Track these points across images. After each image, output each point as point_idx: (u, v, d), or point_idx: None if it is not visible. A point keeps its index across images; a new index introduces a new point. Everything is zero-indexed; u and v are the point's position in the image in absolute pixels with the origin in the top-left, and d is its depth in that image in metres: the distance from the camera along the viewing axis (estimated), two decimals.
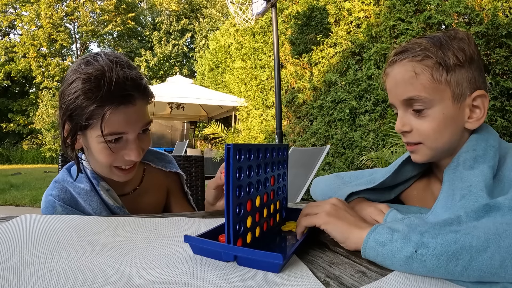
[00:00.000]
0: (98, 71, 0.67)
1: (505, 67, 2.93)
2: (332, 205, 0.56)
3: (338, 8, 4.38)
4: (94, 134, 0.70)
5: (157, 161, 0.95)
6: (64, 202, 0.77)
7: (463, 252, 0.39)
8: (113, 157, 0.73)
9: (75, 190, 0.79)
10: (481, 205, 0.46)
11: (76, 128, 0.70)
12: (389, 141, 3.30)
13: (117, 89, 0.67)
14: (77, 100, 0.67)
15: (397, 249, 0.43)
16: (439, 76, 0.57)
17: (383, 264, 0.45)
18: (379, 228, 0.47)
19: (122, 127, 0.70)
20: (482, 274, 0.38)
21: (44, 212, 0.77)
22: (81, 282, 0.37)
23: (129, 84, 0.69)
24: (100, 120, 0.67)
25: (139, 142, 0.74)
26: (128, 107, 0.70)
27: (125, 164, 0.76)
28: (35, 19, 16.94)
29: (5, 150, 16.07)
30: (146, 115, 0.75)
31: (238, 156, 0.46)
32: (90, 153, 0.76)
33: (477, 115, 0.59)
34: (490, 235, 0.39)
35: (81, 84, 0.66)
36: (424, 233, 0.43)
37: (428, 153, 0.61)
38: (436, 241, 0.41)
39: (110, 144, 0.70)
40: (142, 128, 0.75)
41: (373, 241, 0.46)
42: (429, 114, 0.59)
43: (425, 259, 0.41)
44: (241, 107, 7.22)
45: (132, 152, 0.73)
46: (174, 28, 19.07)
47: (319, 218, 0.55)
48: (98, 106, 0.66)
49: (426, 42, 0.59)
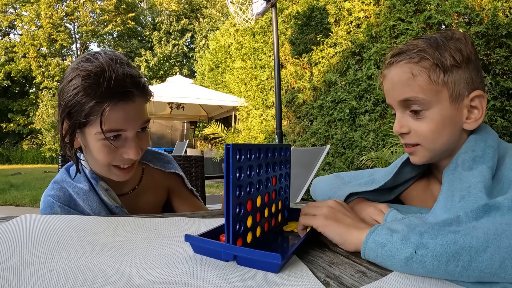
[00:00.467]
0: (97, 68, 0.67)
1: (505, 67, 2.93)
2: (330, 208, 0.57)
3: (338, 8, 4.38)
4: (93, 131, 0.69)
5: (156, 161, 0.95)
6: (62, 203, 0.77)
7: (463, 252, 0.39)
8: (111, 155, 0.72)
9: (73, 190, 0.79)
10: (480, 205, 0.46)
11: (75, 126, 0.70)
12: (389, 141, 3.30)
13: (116, 86, 0.67)
14: (76, 96, 0.67)
15: (396, 250, 0.43)
16: (436, 77, 0.57)
17: (383, 265, 0.45)
18: (379, 229, 0.47)
19: (121, 124, 0.70)
20: (481, 275, 0.38)
21: (43, 212, 0.77)
22: (81, 282, 0.37)
23: (129, 81, 0.69)
24: (99, 116, 0.67)
25: (138, 140, 0.74)
26: (128, 103, 0.70)
27: (124, 163, 0.75)
28: (35, 19, 16.94)
29: (5, 150, 16.08)
30: (145, 113, 0.75)
31: (238, 156, 0.46)
32: (89, 152, 0.75)
33: (475, 115, 0.59)
34: (490, 235, 0.39)
35: (80, 81, 0.66)
36: (423, 234, 0.43)
37: (426, 155, 0.61)
38: (436, 242, 0.41)
39: (109, 140, 0.70)
40: (141, 126, 0.74)
41: (372, 242, 0.46)
42: (427, 116, 0.59)
43: (424, 259, 0.41)
44: (241, 107, 7.22)
45: (131, 150, 0.72)
46: (174, 28, 19.07)
47: (317, 221, 0.55)
48: (98, 102, 0.66)
49: (423, 44, 0.59)
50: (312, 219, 0.56)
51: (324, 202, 0.59)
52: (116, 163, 0.75)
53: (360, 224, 0.53)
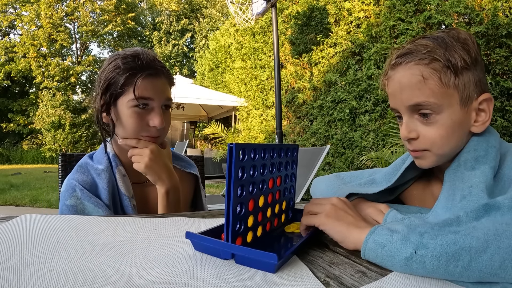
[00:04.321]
0: (133, 51, 0.85)
1: (505, 67, 2.93)
2: (332, 206, 0.56)
3: (338, 8, 4.38)
4: (125, 100, 0.82)
5: (174, 159, 1.00)
6: (84, 186, 0.83)
7: (463, 253, 0.39)
8: (140, 123, 0.83)
9: (95, 172, 0.85)
10: (481, 205, 0.46)
11: (111, 97, 0.82)
12: (389, 141, 3.30)
13: (147, 63, 0.83)
14: (115, 71, 0.82)
15: (396, 250, 0.43)
16: (447, 80, 0.55)
17: (383, 265, 0.45)
18: (379, 229, 0.47)
19: (149, 93, 0.82)
20: (481, 275, 0.38)
21: (63, 195, 0.81)
22: (81, 282, 0.37)
23: (157, 62, 0.86)
24: (133, 86, 0.80)
25: (162, 114, 0.85)
26: (156, 78, 0.84)
27: (151, 133, 0.85)
28: (35, 19, 16.94)
29: (5, 150, 16.07)
30: (169, 92, 0.89)
31: (242, 155, 0.46)
32: (120, 124, 0.84)
33: (483, 118, 0.58)
34: (490, 235, 0.39)
35: (120, 61, 0.82)
36: (423, 234, 0.42)
37: (434, 159, 0.60)
38: (436, 242, 0.41)
39: (138, 108, 0.82)
40: (165, 102, 0.86)
41: (372, 242, 0.46)
42: (437, 120, 0.57)
43: (424, 260, 0.40)
44: (241, 107, 7.22)
45: (156, 118, 0.83)
46: (174, 28, 19.08)
47: (319, 219, 0.55)
48: (132, 74, 0.81)
49: (432, 44, 0.56)
50: (314, 217, 0.56)
51: (328, 200, 0.58)
52: (144, 133, 0.84)
53: (361, 223, 0.53)
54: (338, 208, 0.56)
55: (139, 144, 0.84)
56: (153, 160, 0.82)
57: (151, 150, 0.83)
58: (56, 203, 4.58)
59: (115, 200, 0.85)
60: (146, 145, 0.84)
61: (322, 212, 0.55)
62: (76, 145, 14.97)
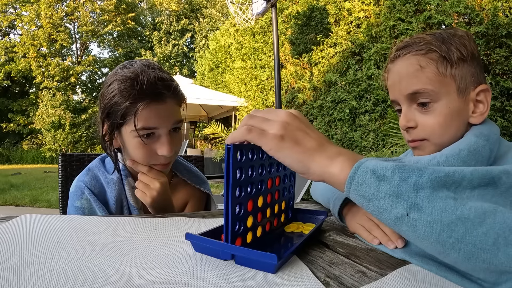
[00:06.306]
0: (132, 73, 0.75)
1: (505, 67, 2.93)
2: (285, 124, 0.43)
3: (338, 8, 4.38)
4: (128, 130, 0.76)
5: (185, 173, 0.97)
6: (92, 190, 0.82)
7: (459, 223, 0.35)
8: (147, 153, 0.78)
9: (105, 179, 0.84)
10: (484, 171, 0.41)
11: (114, 126, 0.77)
12: (389, 141, 3.30)
13: (148, 88, 0.74)
14: (113, 98, 0.75)
15: (384, 210, 0.38)
16: (444, 70, 0.57)
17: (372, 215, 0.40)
18: (361, 172, 0.39)
19: (153, 122, 0.75)
20: (474, 249, 0.35)
21: (73, 195, 0.81)
22: (81, 282, 0.37)
23: (160, 84, 0.76)
24: (133, 116, 0.73)
25: (170, 139, 0.79)
26: (159, 103, 0.76)
27: (160, 162, 0.80)
28: (35, 19, 16.95)
29: (5, 150, 16.07)
30: (177, 114, 0.81)
31: (240, 156, 0.46)
32: (126, 151, 0.81)
33: (481, 109, 0.59)
34: (487, 209, 0.36)
35: (117, 85, 0.75)
36: (419, 190, 0.37)
37: (432, 149, 0.60)
38: (433, 206, 0.36)
39: (143, 139, 0.76)
40: (173, 126, 0.79)
41: (355, 194, 0.39)
42: (435, 108, 0.58)
43: (416, 224, 0.36)
44: (241, 107, 7.22)
45: (163, 147, 0.77)
46: (174, 28, 19.08)
47: (268, 141, 0.43)
48: (132, 103, 0.73)
49: (429, 37, 0.59)
50: (261, 137, 0.43)
51: (276, 113, 0.45)
52: (154, 162, 0.80)
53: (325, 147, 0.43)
54: (293, 126, 0.44)
55: (150, 173, 0.79)
56: (160, 194, 0.79)
57: (161, 183, 0.78)
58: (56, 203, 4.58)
59: (123, 210, 0.85)
60: (157, 176, 0.79)
61: (271, 132, 0.43)
62: (76, 145, 14.98)
